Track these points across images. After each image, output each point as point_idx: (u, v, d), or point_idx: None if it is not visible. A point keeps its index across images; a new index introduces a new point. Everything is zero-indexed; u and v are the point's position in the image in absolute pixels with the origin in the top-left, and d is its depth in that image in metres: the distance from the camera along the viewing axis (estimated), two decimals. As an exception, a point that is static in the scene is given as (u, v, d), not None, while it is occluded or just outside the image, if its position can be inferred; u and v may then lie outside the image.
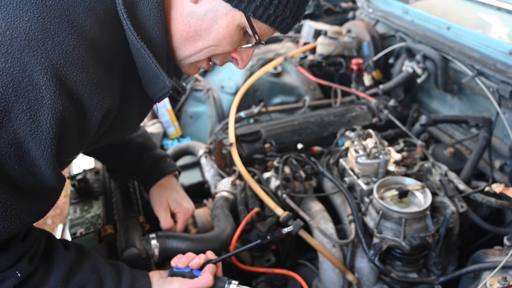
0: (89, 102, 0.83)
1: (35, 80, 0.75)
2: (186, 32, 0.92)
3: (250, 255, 1.47)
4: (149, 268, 1.19)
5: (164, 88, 0.94)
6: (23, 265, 0.88)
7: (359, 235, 1.39)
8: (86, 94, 0.81)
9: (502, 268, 1.13)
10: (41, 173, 0.83)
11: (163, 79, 0.92)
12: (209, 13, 0.89)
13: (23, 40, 0.74)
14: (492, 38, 1.74)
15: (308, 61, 2.39)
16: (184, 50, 0.96)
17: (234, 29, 0.91)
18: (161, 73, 0.91)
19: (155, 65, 0.89)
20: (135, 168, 1.41)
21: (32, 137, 0.78)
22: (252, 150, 1.70)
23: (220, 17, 0.89)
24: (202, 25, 0.90)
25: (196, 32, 0.92)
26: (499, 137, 1.71)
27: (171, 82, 0.92)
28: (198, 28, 0.91)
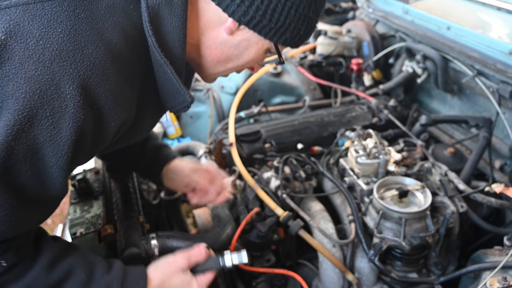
0: (108, 113, 0.85)
1: (61, 89, 0.77)
2: (218, 57, 1.00)
3: (250, 255, 1.47)
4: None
5: (183, 102, 0.99)
6: (9, 256, 0.88)
7: (359, 235, 1.39)
8: (106, 105, 0.84)
9: (502, 268, 1.13)
10: (51, 181, 0.84)
11: (184, 94, 0.96)
12: (243, 42, 0.96)
13: (55, 50, 0.77)
14: (492, 38, 1.74)
15: (308, 61, 2.39)
16: (214, 69, 1.04)
17: (262, 53, 1.00)
18: (182, 89, 0.95)
19: (177, 81, 0.93)
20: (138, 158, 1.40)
21: (50, 143, 0.80)
22: (252, 150, 1.70)
23: (252, 46, 0.97)
24: (235, 52, 0.98)
25: (228, 57, 1.00)
26: (499, 137, 1.71)
27: (191, 97, 0.98)
28: (230, 55, 0.99)
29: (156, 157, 1.39)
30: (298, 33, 0.96)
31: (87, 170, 1.51)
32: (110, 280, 0.99)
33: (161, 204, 2.13)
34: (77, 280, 0.95)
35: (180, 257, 1.10)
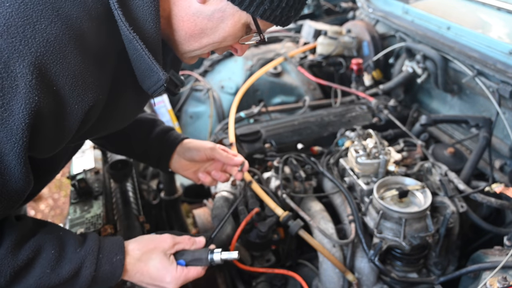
0: (70, 94, 0.79)
1: (10, 67, 0.72)
2: (191, 30, 0.92)
3: (250, 255, 1.47)
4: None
5: (158, 81, 0.91)
6: None
7: (359, 235, 1.39)
8: (66, 86, 0.78)
9: (502, 268, 1.13)
10: (10, 171, 0.79)
11: (157, 71, 0.89)
12: (217, 13, 0.89)
13: (1, 26, 0.71)
14: (492, 38, 1.74)
15: (308, 61, 2.39)
16: (188, 45, 0.96)
17: (240, 28, 0.92)
18: (154, 65, 0.88)
19: (148, 57, 0.87)
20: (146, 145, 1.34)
21: (2, 127, 0.74)
22: (252, 150, 1.70)
23: (227, 17, 0.89)
24: (209, 24, 0.90)
25: (202, 30, 0.92)
26: (499, 137, 1.71)
27: (165, 74, 0.90)
28: (204, 27, 0.91)
29: (165, 139, 1.34)
30: (279, 6, 0.87)
31: (87, 170, 1.51)
32: (84, 254, 0.93)
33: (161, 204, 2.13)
34: (47, 258, 0.90)
35: (166, 237, 1.06)
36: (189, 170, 1.35)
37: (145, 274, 1.01)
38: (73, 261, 0.92)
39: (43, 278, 0.89)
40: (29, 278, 0.88)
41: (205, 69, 2.50)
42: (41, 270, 0.89)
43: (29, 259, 0.88)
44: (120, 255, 0.97)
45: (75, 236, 0.96)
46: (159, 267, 1.02)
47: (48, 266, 0.89)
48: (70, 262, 0.91)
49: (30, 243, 0.89)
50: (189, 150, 1.32)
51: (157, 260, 1.02)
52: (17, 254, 0.86)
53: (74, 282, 0.93)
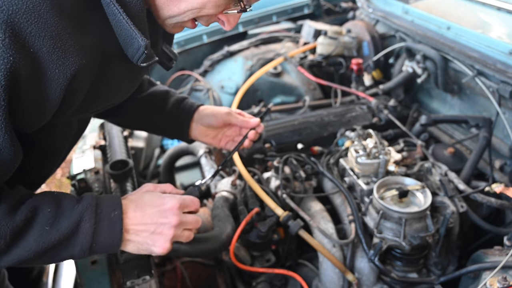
0: (49, 57, 0.75)
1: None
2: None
3: (250, 255, 1.47)
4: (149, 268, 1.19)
5: (139, 48, 0.86)
6: None
7: (359, 235, 1.39)
8: (44, 47, 0.74)
9: (502, 268, 1.13)
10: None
11: (136, 37, 0.84)
12: None
13: None
14: (492, 38, 1.74)
15: (308, 61, 2.39)
16: (167, 10, 0.90)
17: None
18: (133, 31, 0.83)
19: (127, 22, 0.82)
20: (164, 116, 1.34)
21: None
22: (252, 150, 1.70)
23: None
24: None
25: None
26: (499, 137, 1.71)
27: (144, 40, 0.85)
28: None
29: (182, 109, 1.34)
30: None
31: (87, 170, 1.51)
32: (82, 209, 0.90)
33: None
34: (45, 216, 0.88)
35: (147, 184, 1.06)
36: (208, 136, 1.39)
37: (146, 206, 0.98)
38: (71, 216, 0.89)
39: (43, 236, 0.87)
40: (28, 237, 0.86)
41: (205, 69, 2.50)
42: (39, 228, 0.87)
43: (27, 218, 0.86)
44: (118, 210, 0.94)
45: (71, 195, 0.94)
46: (154, 197, 1.01)
47: (47, 223, 0.87)
48: (68, 218, 0.89)
49: (27, 204, 0.88)
50: (206, 116, 1.35)
51: (148, 194, 1.02)
52: (14, 215, 0.85)
53: (74, 238, 0.90)
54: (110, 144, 1.67)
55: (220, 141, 1.40)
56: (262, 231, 1.40)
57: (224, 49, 2.51)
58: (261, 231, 1.40)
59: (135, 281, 1.13)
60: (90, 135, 1.83)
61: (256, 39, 2.60)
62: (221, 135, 1.40)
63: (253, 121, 1.36)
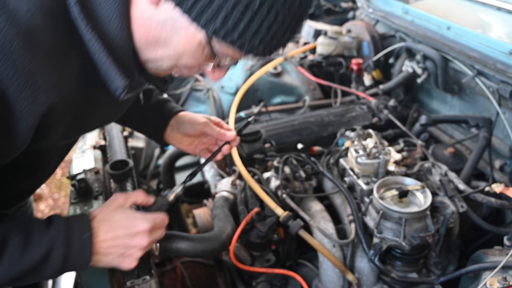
0: (18, 96, 0.72)
1: None
2: (145, 35, 0.82)
3: (250, 255, 1.47)
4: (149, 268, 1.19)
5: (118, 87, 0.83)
6: None
7: (359, 235, 1.39)
8: (13, 85, 0.71)
9: (502, 268, 1.13)
10: None
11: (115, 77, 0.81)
12: (169, 22, 0.79)
13: None
14: (492, 38, 1.74)
15: (308, 61, 2.39)
16: (146, 53, 0.86)
17: (196, 46, 0.81)
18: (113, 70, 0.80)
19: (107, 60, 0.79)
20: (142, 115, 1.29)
21: None
22: (252, 150, 1.70)
23: (180, 30, 0.79)
24: (162, 33, 0.81)
25: (156, 39, 0.82)
26: (499, 137, 1.71)
27: (123, 81, 0.82)
28: (157, 36, 0.81)
29: (160, 111, 1.29)
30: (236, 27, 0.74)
31: (87, 170, 1.51)
32: (52, 236, 0.88)
33: (161, 204, 2.13)
34: (14, 245, 0.85)
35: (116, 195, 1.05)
36: (183, 143, 1.33)
37: (117, 228, 0.97)
38: (42, 244, 0.88)
39: (13, 266, 0.85)
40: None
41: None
42: (9, 258, 0.85)
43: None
44: (88, 233, 0.93)
45: (40, 221, 0.92)
46: (125, 216, 1.00)
47: (16, 253, 0.85)
48: (39, 246, 0.87)
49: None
50: (183, 124, 1.29)
51: (120, 213, 1.00)
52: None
53: (45, 265, 0.88)
54: (110, 144, 1.67)
55: (196, 148, 1.33)
56: (262, 231, 1.40)
57: (224, 49, 2.50)
58: (261, 231, 1.40)
59: (135, 281, 1.13)
60: (90, 135, 1.83)
61: (256, 39, 2.60)
62: (197, 142, 1.33)
63: (228, 135, 1.27)
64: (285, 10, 0.75)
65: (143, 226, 0.98)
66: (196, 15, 0.74)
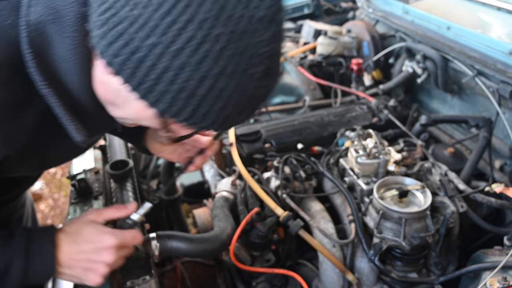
0: None
1: None
2: (103, 96, 0.78)
3: (250, 255, 1.47)
4: (149, 268, 1.19)
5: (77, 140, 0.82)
6: None
7: (359, 235, 1.39)
8: None
9: (502, 268, 1.13)
10: None
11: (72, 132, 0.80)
12: (122, 92, 0.71)
13: None
14: (492, 38, 1.74)
15: (308, 61, 2.39)
16: (108, 109, 0.82)
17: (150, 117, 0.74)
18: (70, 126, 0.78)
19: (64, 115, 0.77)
20: None
21: None
22: (252, 150, 1.70)
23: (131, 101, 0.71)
24: (117, 99, 0.75)
25: (113, 102, 0.78)
26: (499, 137, 1.71)
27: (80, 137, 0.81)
28: (114, 100, 0.77)
29: None
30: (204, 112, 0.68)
31: (87, 170, 1.51)
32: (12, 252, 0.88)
33: (161, 204, 2.13)
34: None
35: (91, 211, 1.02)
36: (164, 152, 1.27)
37: (83, 242, 0.96)
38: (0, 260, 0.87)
39: None
40: None
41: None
42: None
43: None
44: (51, 246, 0.92)
45: (2, 233, 0.90)
46: (93, 231, 0.97)
47: None
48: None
49: None
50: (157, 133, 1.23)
51: (89, 227, 0.98)
52: None
53: (4, 279, 0.87)
54: (110, 144, 1.67)
55: (180, 156, 1.27)
56: (262, 231, 1.40)
57: (224, 49, 2.50)
58: (261, 231, 1.40)
59: (135, 281, 1.13)
60: (90, 135, 1.83)
61: (256, 39, 2.60)
62: (181, 150, 1.26)
63: (202, 141, 1.20)
64: (237, 94, 0.68)
65: (110, 242, 0.96)
66: (144, 95, 0.68)
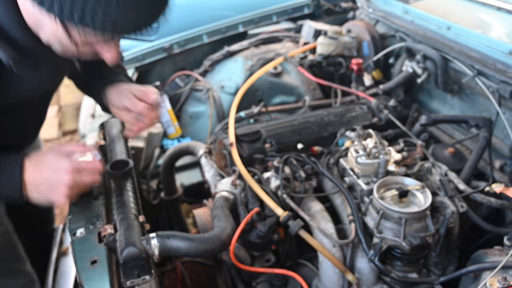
0: None
1: None
2: (29, 20, 0.94)
3: (250, 255, 1.47)
4: (149, 268, 1.19)
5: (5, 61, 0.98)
6: None
7: (359, 235, 1.39)
8: None
9: (502, 268, 1.13)
10: None
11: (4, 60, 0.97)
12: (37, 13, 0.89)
13: None
14: (492, 38, 1.74)
15: (308, 61, 2.39)
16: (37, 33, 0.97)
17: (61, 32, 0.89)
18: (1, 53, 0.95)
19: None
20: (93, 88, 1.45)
21: None
22: (252, 150, 1.70)
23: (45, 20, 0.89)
24: (39, 19, 0.91)
25: (36, 24, 0.93)
26: (499, 137, 1.71)
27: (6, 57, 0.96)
28: (36, 21, 0.93)
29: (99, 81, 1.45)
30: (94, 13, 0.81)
31: (87, 170, 1.51)
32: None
33: (161, 204, 2.13)
34: None
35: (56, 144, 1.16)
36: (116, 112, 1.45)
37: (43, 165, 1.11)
38: None
39: None
40: None
41: (205, 69, 2.50)
42: None
43: None
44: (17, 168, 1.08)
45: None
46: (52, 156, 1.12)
47: None
48: None
49: None
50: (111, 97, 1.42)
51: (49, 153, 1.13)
52: None
53: None
54: (110, 144, 1.67)
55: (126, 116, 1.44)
56: (262, 231, 1.40)
57: (224, 49, 2.51)
58: (261, 231, 1.40)
59: (135, 281, 1.13)
60: (90, 135, 1.83)
61: (256, 39, 2.60)
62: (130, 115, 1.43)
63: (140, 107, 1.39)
64: None
65: (65, 164, 1.10)
66: (49, 7, 0.83)
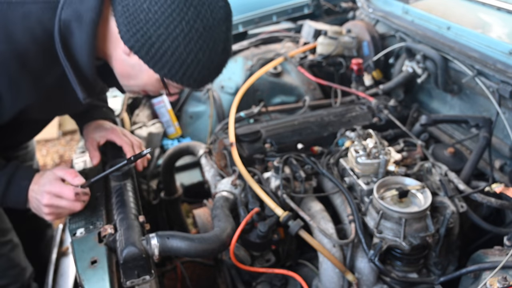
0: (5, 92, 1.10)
1: None
2: (122, 71, 1.20)
3: (250, 255, 1.47)
4: (149, 268, 1.19)
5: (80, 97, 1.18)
6: None
7: (359, 235, 1.39)
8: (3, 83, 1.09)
9: (502, 268, 1.13)
10: None
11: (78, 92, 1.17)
12: (137, 66, 1.14)
13: None
14: (492, 38, 1.74)
15: (308, 61, 2.39)
16: (122, 81, 1.24)
17: (155, 81, 1.17)
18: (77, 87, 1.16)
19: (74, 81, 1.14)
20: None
21: None
22: (252, 150, 1.70)
23: (144, 71, 1.15)
24: (132, 72, 1.17)
25: (128, 75, 1.19)
26: (499, 137, 1.71)
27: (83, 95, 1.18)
28: (129, 73, 1.18)
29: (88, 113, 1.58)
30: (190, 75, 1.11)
31: (87, 169, 1.51)
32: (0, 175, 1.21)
33: (161, 204, 2.13)
34: None
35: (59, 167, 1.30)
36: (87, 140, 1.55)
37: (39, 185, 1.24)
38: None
39: None
40: None
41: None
42: None
43: None
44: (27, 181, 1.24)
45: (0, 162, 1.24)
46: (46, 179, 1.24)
47: None
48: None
49: None
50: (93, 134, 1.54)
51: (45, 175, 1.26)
52: None
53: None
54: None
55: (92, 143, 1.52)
56: (262, 231, 1.40)
57: (224, 49, 2.50)
58: (261, 231, 1.40)
59: (135, 281, 1.13)
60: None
61: (256, 39, 2.60)
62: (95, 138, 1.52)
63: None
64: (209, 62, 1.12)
65: (47, 188, 1.23)
66: (153, 65, 1.11)
